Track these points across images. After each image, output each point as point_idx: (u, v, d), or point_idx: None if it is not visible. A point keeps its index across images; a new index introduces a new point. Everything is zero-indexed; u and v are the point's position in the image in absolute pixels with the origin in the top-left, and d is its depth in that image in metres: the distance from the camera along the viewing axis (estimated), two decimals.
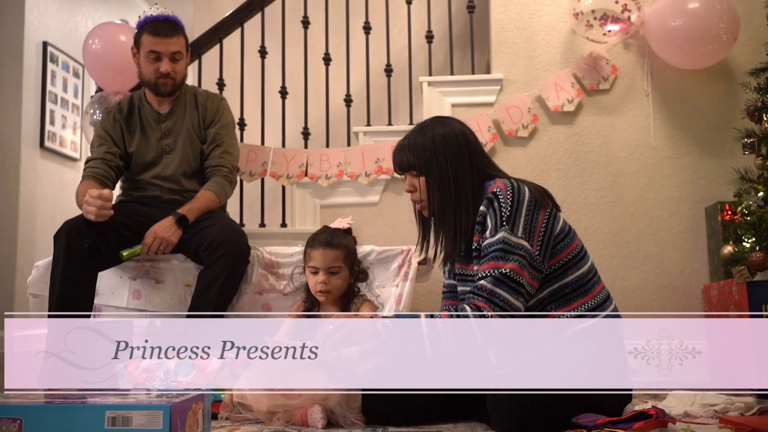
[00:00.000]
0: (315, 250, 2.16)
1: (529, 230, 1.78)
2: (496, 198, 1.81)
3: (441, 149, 1.91)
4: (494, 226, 1.79)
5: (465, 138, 1.94)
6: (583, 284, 1.84)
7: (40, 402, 1.44)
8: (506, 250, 1.75)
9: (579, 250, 1.87)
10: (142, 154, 2.81)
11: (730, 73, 3.29)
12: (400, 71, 3.66)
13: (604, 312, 1.83)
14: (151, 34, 2.75)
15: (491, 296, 1.74)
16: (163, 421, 1.38)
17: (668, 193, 3.29)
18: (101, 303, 2.70)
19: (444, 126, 1.95)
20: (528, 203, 1.80)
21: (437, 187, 1.90)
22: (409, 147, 1.94)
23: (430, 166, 1.91)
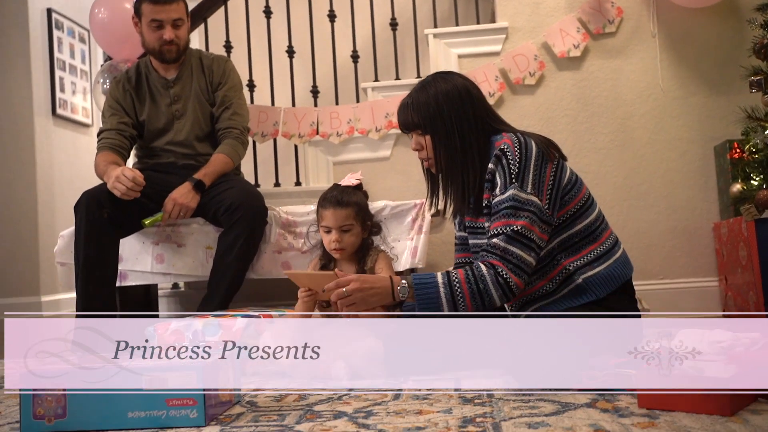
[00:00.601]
0: (326, 210, 2.19)
1: (538, 185, 1.81)
2: (504, 155, 1.82)
3: (444, 106, 1.90)
4: (504, 183, 1.81)
5: (468, 92, 1.93)
6: (592, 231, 1.88)
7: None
8: (516, 207, 1.78)
9: (586, 199, 1.90)
10: (153, 121, 2.86)
11: (736, 10, 3.27)
12: (405, 24, 3.66)
13: (613, 257, 1.88)
14: (151, 2, 2.77)
15: (505, 254, 1.77)
16: (197, 380, 1.46)
17: (677, 134, 3.31)
18: (126, 268, 2.79)
19: (446, 81, 1.94)
20: (536, 158, 1.82)
21: (443, 144, 1.91)
22: (413, 105, 1.94)
23: (434, 124, 1.91)
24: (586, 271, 1.85)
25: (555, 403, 1.51)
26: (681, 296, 3.19)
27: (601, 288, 1.86)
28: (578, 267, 1.85)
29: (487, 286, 1.78)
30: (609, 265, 1.87)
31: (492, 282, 1.78)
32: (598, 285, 1.85)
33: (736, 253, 2.89)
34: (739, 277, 2.88)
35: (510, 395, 1.62)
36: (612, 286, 1.87)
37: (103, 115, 2.91)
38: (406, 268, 2.68)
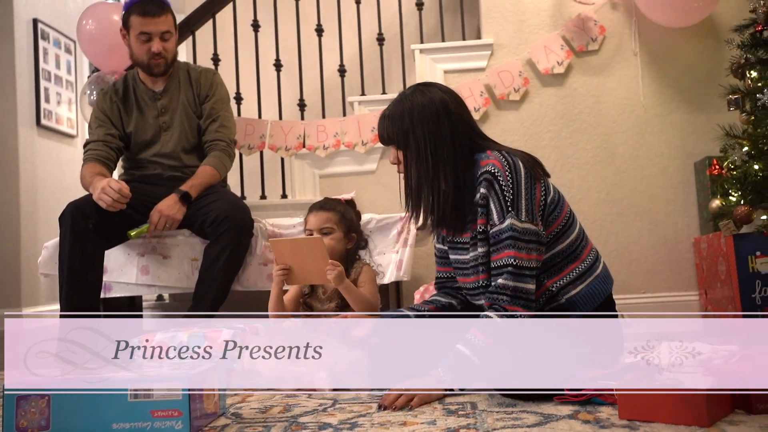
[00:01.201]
0: (310, 214, 2.27)
1: (531, 210, 1.79)
2: (495, 179, 1.79)
3: (419, 122, 1.85)
4: (500, 211, 1.79)
5: (446, 108, 1.87)
6: (573, 251, 1.88)
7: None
8: (516, 237, 1.76)
9: (568, 217, 1.90)
10: (140, 133, 2.87)
11: (715, 30, 3.34)
12: (392, 39, 3.70)
13: (594, 274, 1.89)
14: (139, 14, 2.78)
15: (515, 292, 1.75)
16: (182, 392, 1.47)
17: (658, 150, 3.37)
18: (111, 280, 2.79)
19: (424, 95, 1.88)
20: (525, 180, 1.80)
21: (414, 161, 1.86)
22: (389, 118, 1.90)
23: (407, 140, 1.86)
24: (569, 290, 1.86)
25: (537, 415, 1.53)
26: (662, 310, 3.23)
27: (583, 306, 1.87)
28: (561, 287, 1.85)
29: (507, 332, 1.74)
30: (590, 282, 1.88)
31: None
32: (581, 303, 1.87)
33: (715, 268, 2.93)
34: (718, 291, 2.92)
35: (494, 407, 1.64)
36: (594, 303, 1.89)
37: (90, 126, 2.91)
38: (392, 281, 2.70)
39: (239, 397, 1.93)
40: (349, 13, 3.63)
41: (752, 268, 2.65)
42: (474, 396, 1.77)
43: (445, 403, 1.69)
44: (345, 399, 1.82)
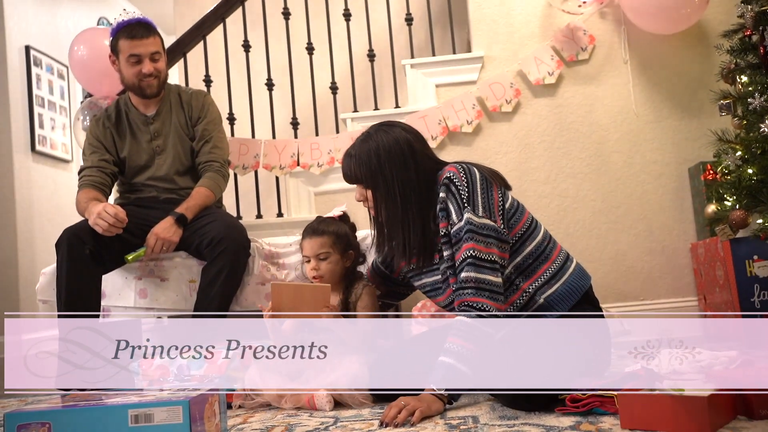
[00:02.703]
0: (304, 240, 2.23)
1: (488, 207, 1.84)
2: (451, 182, 1.86)
3: (386, 163, 1.90)
4: (458, 209, 1.84)
5: (410, 147, 1.93)
6: (542, 251, 1.92)
7: (65, 405, 1.52)
8: (474, 230, 1.81)
9: (530, 221, 1.95)
10: (134, 158, 2.87)
11: (704, 36, 3.36)
12: (383, 55, 3.71)
13: (567, 272, 1.93)
14: (127, 38, 2.79)
15: (478, 284, 1.79)
16: (183, 416, 1.46)
17: (652, 157, 3.38)
18: (109, 304, 2.78)
19: (388, 135, 1.94)
20: (481, 182, 1.86)
21: (383, 201, 1.92)
22: (355, 158, 1.95)
23: (376, 180, 1.92)
24: (545, 290, 1.90)
25: (539, 427, 1.53)
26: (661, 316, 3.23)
27: (562, 303, 1.90)
28: (537, 288, 1.89)
29: (482, 331, 1.77)
30: (565, 280, 1.92)
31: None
32: (559, 301, 1.90)
33: (713, 273, 2.93)
34: (717, 296, 2.92)
35: (495, 420, 1.63)
36: (572, 299, 1.91)
37: (84, 153, 2.91)
38: None
39: (240, 418, 1.92)
40: (339, 30, 3.65)
41: (750, 272, 2.65)
42: (476, 409, 1.77)
43: (446, 418, 1.69)
44: (346, 417, 1.81)
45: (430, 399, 1.73)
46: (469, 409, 1.79)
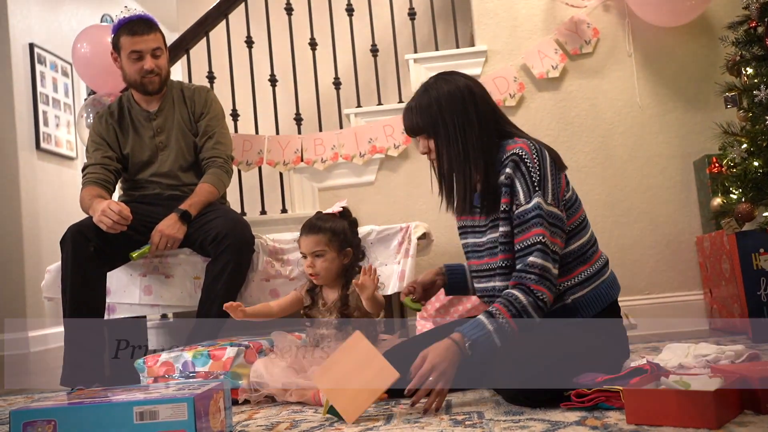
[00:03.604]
0: (301, 237, 2.23)
1: (557, 196, 1.84)
2: (522, 161, 1.83)
3: (446, 109, 1.89)
4: (527, 191, 1.82)
5: (471, 93, 1.91)
6: (584, 253, 1.90)
7: (70, 402, 1.53)
8: (542, 216, 1.79)
9: (583, 218, 1.94)
10: (138, 154, 2.87)
11: (709, 28, 3.34)
12: (386, 50, 3.70)
13: (601, 278, 1.91)
14: (129, 34, 2.79)
15: (543, 272, 1.78)
16: (188, 412, 1.46)
17: (657, 150, 3.36)
18: (114, 301, 2.79)
19: (448, 83, 1.93)
20: (551, 167, 1.85)
21: (445, 148, 1.90)
22: (416, 109, 1.93)
23: (436, 127, 1.90)
24: (576, 291, 1.88)
25: (545, 422, 1.52)
26: (667, 310, 3.22)
27: (588, 309, 1.88)
28: (568, 287, 1.87)
29: (530, 313, 1.78)
30: (597, 286, 1.90)
31: (534, 308, 1.78)
32: (586, 306, 1.88)
33: (719, 266, 2.92)
34: (723, 289, 2.91)
35: (500, 415, 1.63)
36: (599, 307, 1.90)
37: (87, 150, 2.91)
38: (394, 291, 2.69)
39: (246, 414, 1.92)
40: (342, 26, 3.64)
41: (756, 265, 2.64)
42: (481, 405, 1.76)
43: (451, 413, 1.69)
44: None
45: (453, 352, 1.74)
46: (474, 404, 1.79)
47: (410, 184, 3.41)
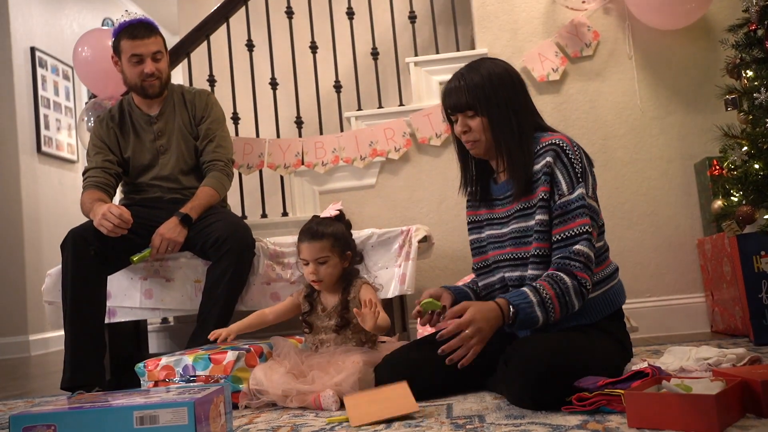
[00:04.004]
0: (302, 244, 2.19)
1: (595, 191, 1.88)
2: (563, 151, 1.83)
3: (500, 88, 1.89)
4: (569, 182, 1.82)
5: (519, 77, 1.95)
6: (599, 255, 1.91)
7: (71, 407, 1.52)
8: (588, 207, 1.81)
9: (603, 223, 1.96)
10: (138, 158, 2.88)
11: (709, 31, 3.34)
12: (386, 53, 3.71)
13: (611, 283, 1.93)
14: (129, 38, 2.80)
15: (588, 261, 1.79)
16: (188, 417, 1.46)
17: (657, 153, 3.36)
18: (114, 305, 2.79)
19: (497, 65, 1.93)
20: (588, 164, 1.88)
21: (500, 126, 1.88)
22: (467, 87, 1.90)
23: (490, 105, 1.88)
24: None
25: (546, 426, 1.52)
26: (669, 313, 3.22)
27: (596, 312, 1.89)
28: None
29: (572, 297, 1.78)
30: (607, 290, 1.91)
31: (576, 293, 1.78)
32: (595, 309, 1.89)
33: (720, 269, 2.92)
34: (724, 292, 2.91)
35: (501, 419, 1.62)
36: (607, 311, 1.91)
37: (88, 153, 2.92)
38: (395, 295, 2.69)
39: (246, 418, 1.92)
40: (343, 29, 3.65)
41: (757, 267, 2.63)
42: (482, 409, 1.76)
43: (452, 417, 1.68)
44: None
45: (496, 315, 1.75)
46: (475, 408, 1.78)
47: (411, 188, 3.41)
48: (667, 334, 3.13)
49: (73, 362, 2.52)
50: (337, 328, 2.17)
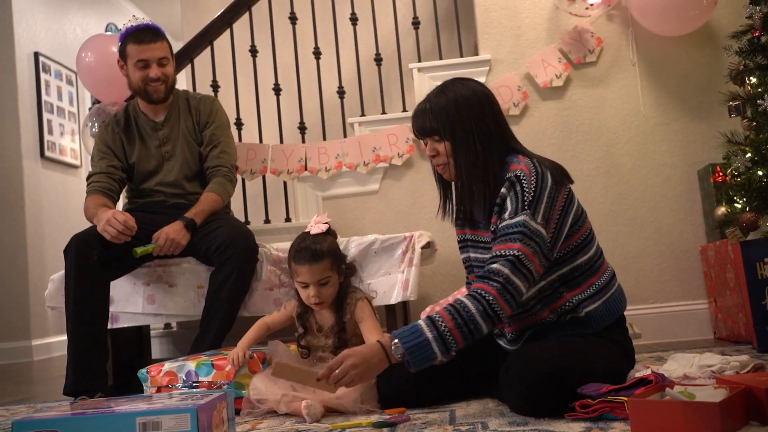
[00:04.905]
0: (301, 266, 2.06)
1: (548, 216, 1.78)
2: (518, 181, 1.79)
3: (465, 112, 1.84)
4: (515, 208, 1.77)
5: (488, 99, 1.89)
6: (592, 266, 1.89)
7: (73, 413, 1.52)
8: (525, 234, 1.74)
9: (588, 232, 1.91)
10: (143, 164, 2.88)
11: (713, 37, 3.33)
12: (390, 58, 3.71)
13: (610, 292, 1.91)
14: (135, 43, 2.81)
15: (507, 283, 1.72)
16: (191, 423, 1.46)
17: (661, 159, 3.36)
18: (117, 310, 2.79)
19: (466, 87, 1.89)
20: (550, 190, 1.79)
21: (463, 151, 1.85)
22: (432, 110, 1.87)
23: (454, 130, 1.84)
24: (588, 304, 1.86)
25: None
26: (672, 320, 3.21)
27: (598, 322, 1.88)
28: (581, 300, 1.86)
29: (477, 323, 1.70)
30: (606, 299, 1.89)
31: (484, 317, 1.71)
32: (597, 319, 1.87)
33: (723, 276, 2.91)
34: (728, 298, 2.90)
35: (504, 426, 1.62)
36: (609, 320, 1.89)
37: (93, 158, 2.92)
38: (398, 301, 2.69)
39: (249, 424, 1.91)
40: (346, 35, 3.65)
41: (761, 274, 2.62)
42: (485, 415, 1.76)
43: (455, 424, 1.68)
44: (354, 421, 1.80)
45: (377, 359, 1.71)
46: (478, 415, 1.78)
47: (414, 193, 3.41)
48: (670, 341, 3.12)
49: (75, 368, 2.52)
50: (335, 349, 2.09)
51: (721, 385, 1.55)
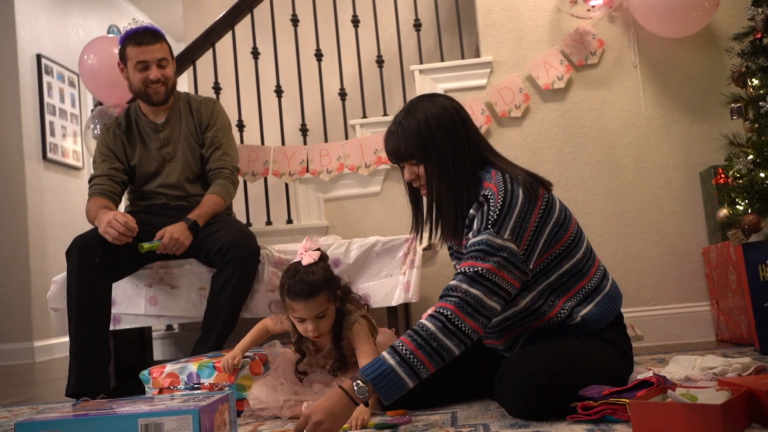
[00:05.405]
0: (297, 303, 1.96)
1: (518, 232, 1.73)
2: (486, 201, 1.75)
3: (438, 132, 1.78)
4: (479, 228, 1.74)
5: (458, 115, 1.83)
6: (579, 270, 1.86)
7: (75, 414, 1.52)
8: (486, 251, 1.70)
9: (574, 236, 1.86)
10: (145, 166, 2.88)
11: (714, 39, 3.33)
12: (391, 60, 3.72)
13: (602, 293, 1.88)
14: (135, 45, 2.82)
15: (465, 296, 1.67)
16: (193, 424, 1.46)
17: (663, 161, 3.35)
18: (119, 312, 2.79)
19: (435, 105, 1.82)
20: (521, 207, 1.74)
21: (437, 173, 1.79)
22: (403, 134, 1.81)
23: (428, 152, 1.78)
24: (581, 309, 1.85)
25: None
26: (673, 322, 3.21)
27: (595, 324, 1.86)
28: (574, 306, 1.84)
29: (441, 341, 1.64)
30: (600, 300, 1.87)
31: (444, 334, 1.65)
32: (593, 322, 1.85)
33: (725, 278, 2.91)
34: (730, 301, 2.90)
35: (506, 428, 1.62)
36: (605, 321, 1.88)
37: (95, 161, 2.93)
38: (400, 303, 2.69)
39: (251, 426, 1.91)
40: (348, 36, 3.66)
41: (763, 276, 2.62)
42: (486, 417, 1.76)
43: (457, 426, 1.68)
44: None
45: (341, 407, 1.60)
46: (480, 417, 1.78)
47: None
48: (672, 343, 3.12)
49: (78, 369, 2.52)
50: (333, 371, 2.08)
51: (723, 387, 1.55)
